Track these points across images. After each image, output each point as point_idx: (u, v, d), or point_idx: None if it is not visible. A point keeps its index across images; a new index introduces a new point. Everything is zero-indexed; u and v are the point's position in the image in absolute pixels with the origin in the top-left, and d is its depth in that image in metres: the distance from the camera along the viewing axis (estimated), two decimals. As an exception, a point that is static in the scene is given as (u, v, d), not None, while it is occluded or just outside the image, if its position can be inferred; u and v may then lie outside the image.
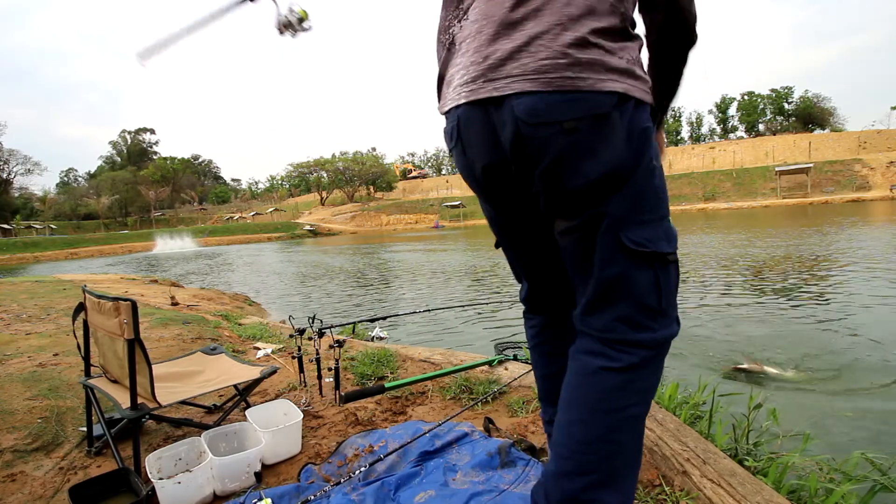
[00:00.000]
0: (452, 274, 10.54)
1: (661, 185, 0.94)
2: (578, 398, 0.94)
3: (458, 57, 0.97)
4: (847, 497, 1.38)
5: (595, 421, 0.91)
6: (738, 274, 7.86)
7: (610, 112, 0.84)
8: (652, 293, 0.91)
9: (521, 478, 1.42)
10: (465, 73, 0.93)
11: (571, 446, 0.92)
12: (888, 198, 33.32)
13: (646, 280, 0.90)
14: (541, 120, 0.84)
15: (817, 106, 67.19)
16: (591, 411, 0.91)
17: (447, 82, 1.01)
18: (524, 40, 0.85)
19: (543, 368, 1.27)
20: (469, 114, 0.93)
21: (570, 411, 0.95)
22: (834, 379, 3.35)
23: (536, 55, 0.84)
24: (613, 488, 0.91)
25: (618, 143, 0.86)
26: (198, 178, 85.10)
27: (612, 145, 0.86)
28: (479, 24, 0.91)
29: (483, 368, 2.37)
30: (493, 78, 0.88)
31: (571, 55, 0.83)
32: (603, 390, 0.91)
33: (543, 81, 0.83)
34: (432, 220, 49.19)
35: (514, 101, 0.85)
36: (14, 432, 1.86)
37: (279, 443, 1.65)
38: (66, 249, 35.57)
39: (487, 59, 0.89)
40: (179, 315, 4.47)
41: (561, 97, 0.83)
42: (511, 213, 1.09)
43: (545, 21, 0.84)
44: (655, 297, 0.91)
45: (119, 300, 1.49)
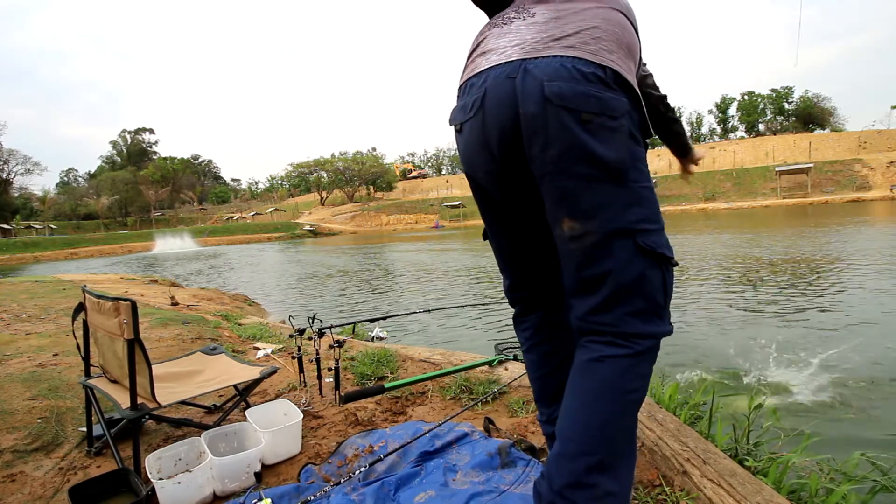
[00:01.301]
0: (452, 274, 10.54)
1: (655, 198, 1.05)
2: (587, 383, 1.00)
3: (509, 35, 1.05)
4: (847, 497, 1.38)
5: (602, 403, 0.98)
6: (738, 275, 7.86)
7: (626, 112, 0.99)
8: (660, 291, 1.01)
9: (521, 478, 1.42)
10: (518, 41, 1.02)
11: (577, 428, 0.98)
12: (888, 198, 33.32)
13: (657, 279, 1.00)
14: (564, 104, 0.94)
15: (817, 106, 67.15)
16: (598, 394, 0.98)
17: (483, 54, 1.08)
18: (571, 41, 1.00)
19: (540, 369, 1.28)
20: (501, 79, 1.00)
21: (577, 397, 1.01)
22: (834, 379, 3.35)
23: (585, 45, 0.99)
24: (613, 474, 0.96)
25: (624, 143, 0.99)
26: (198, 178, 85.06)
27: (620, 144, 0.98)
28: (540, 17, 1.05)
29: (483, 368, 2.37)
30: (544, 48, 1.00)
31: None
32: (611, 374, 0.99)
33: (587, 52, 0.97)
34: (432, 220, 49.18)
35: (546, 81, 0.95)
36: (14, 432, 1.86)
37: (279, 443, 1.65)
38: (66, 249, 35.56)
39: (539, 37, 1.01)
40: (179, 315, 4.47)
41: (586, 87, 0.94)
42: (513, 198, 1.14)
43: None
44: (662, 295, 1.02)
45: (119, 300, 1.49)
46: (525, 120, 0.98)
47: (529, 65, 0.97)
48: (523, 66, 0.97)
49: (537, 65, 0.96)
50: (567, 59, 0.95)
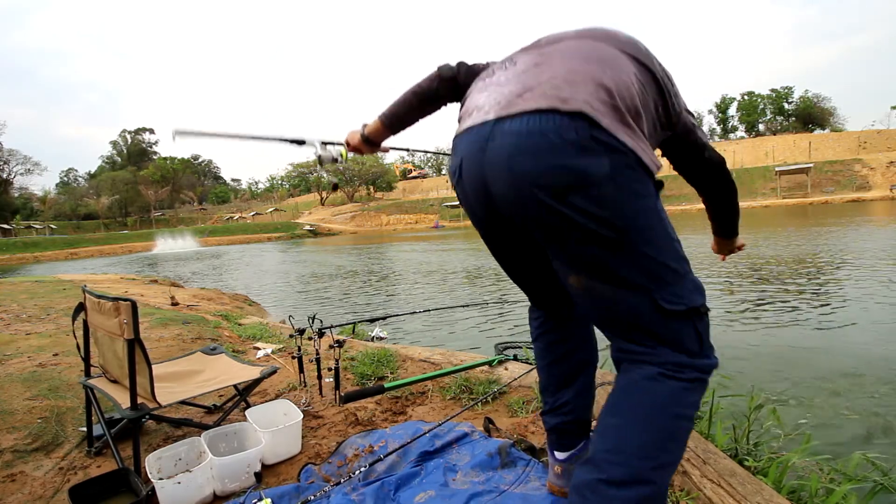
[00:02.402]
0: (452, 274, 10.54)
1: (674, 239, 0.96)
2: (636, 401, 0.92)
3: (489, 88, 1.02)
4: (847, 497, 1.37)
5: (654, 423, 0.89)
6: (738, 275, 7.86)
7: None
8: (694, 342, 0.94)
9: (521, 478, 1.42)
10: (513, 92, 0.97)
11: (624, 450, 0.88)
12: (888, 198, 33.31)
13: (688, 334, 0.93)
14: (535, 182, 0.91)
15: (817, 106, 67.17)
16: (649, 414, 0.90)
17: (467, 111, 1.05)
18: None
19: (547, 357, 1.28)
20: (473, 150, 0.98)
21: (622, 415, 0.92)
22: (835, 379, 3.35)
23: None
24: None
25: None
26: (198, 178, 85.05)
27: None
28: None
29: (483, 368, 2.37)
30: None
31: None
32: (664, 393, 0.91)
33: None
34: (432, 220, 49.17)
35: (509, 156, 0.91)
36: (14, 432, 1.86)
37: (279, 443, 1.65)
38: (66, 249, 35.56)
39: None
40: (179, 315, 4.47)
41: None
42: (512, 245, 1.15)
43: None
44: (697, 345, 0.94)
45: (119, 300, 1.49)
46: (500, 200, 0.95)
47: (497, 131, 0.92)
48: (491, 134, 0.93)
49: (503, 132, 0.91)
50: (533, 116, 0.88)
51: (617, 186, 0.87)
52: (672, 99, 1.06)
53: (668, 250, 0.93)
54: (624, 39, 1.02)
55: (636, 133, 0.90)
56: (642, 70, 0.99)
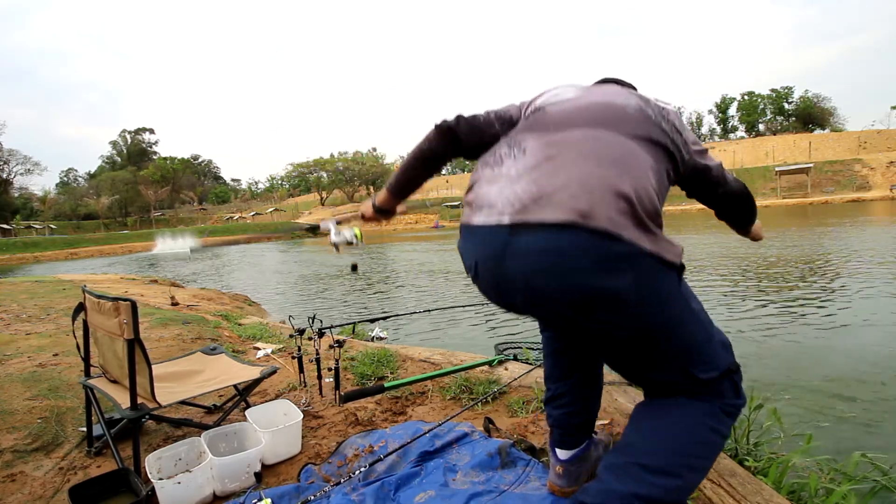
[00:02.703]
0: (453, 274, 10.53)
1: (700, 315, 0.99)
2: (676, 410, 0.99)
3: (499, 182, 0.98)
4: (847, 497, 1.37)
5: (692, 428, 0.96)
6: (739, 275, 7.86)
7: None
8: (731, 393, 1.00)
9: (521, 478, 1.42)
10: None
11: (661, 444, 0.96)
12: (888, 198, 33.31)
13: (724, 388, 0.99)
14: (556, 298, 0.93)
15: (817, 106, 67.18)
16: (688, 420, 0.97)
17: (476, 203, 1.01)
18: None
19: (554, 344, 1.29)
20: (490, 261, 0.97)
21: (661, 418, 0.99)
22: (836, 379, 3.35)
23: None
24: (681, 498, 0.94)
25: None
26: (198, 178, 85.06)
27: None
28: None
29: (483, 368, 2.37)
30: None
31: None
32: (703, 408, 0.98)
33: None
34: (432, 219, 49.12)
35: (530, 274, 0.92)
36: (14, 432, 1.86)
37: (279, 443, 1.65)
38: (66, 249, 35.53)
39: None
40: (179, 315, 4.47)
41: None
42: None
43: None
44: (733, 394, 1.01)
45: (119, 300, 1.49)
46: (523, 308, 0.99)
47: (514, 245, 0.90)
48: (507, 247, 0.91)
49: (521, 249, 0.90)
50: (552, 232, 0.87)
51: (642, 297, 0.89)
52: (682, 154, 1.07)
53: (697, 330, 0.98)
54: (634, 116, 1.01)
55: (657, 235, 0.90)
56: (656, 151, 1.00)
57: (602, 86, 1.16)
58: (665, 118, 1.05)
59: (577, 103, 1.05)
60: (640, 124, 1.00)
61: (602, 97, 1.06)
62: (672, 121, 1.06)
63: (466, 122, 1.15)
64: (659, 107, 1.08)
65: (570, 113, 1.03)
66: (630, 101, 1.04)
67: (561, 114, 1.03)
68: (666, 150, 1.02)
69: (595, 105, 1.03)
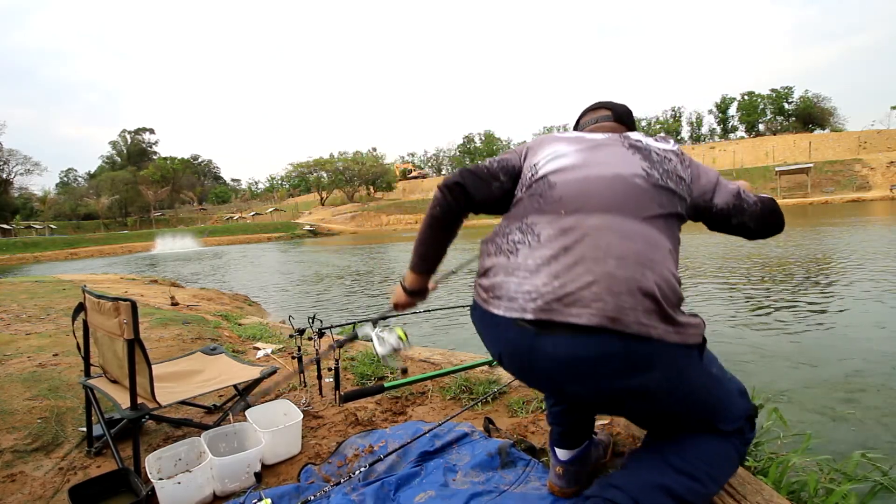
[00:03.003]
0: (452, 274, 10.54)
1: (722, 380, 1.06)
2: (698, 436, 1.07)
3: (518, 273, 0.99)
4: (847, 497, 1.37)
5: (715, 443, 1.05)
6: (740, 274, 7.86)
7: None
8: (749, 431, 1.09)
9: (521, 478, 1.42)
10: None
11: (688, 451, 1.03)
12: (888, 198, 33.31)
13: (746, 429, 1.08)
14: (590, 396, 1.02)
15: (817, 106, 67.15)
16: (712, 437, 1.05)
17: (495, 293, 1.01)
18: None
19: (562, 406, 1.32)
20: (518, 352, 1.00)
21: (686, 437, 1.07)
22: (836, 378, 3.35)
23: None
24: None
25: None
26: (198, 178, 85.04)
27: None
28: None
29: (483, 368, 2.37)
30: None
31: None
32: (723, 442, 1.06)
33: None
34: (432, 220, 49.04)
35: (564, 378, 0.98)
36: (14, 432, 1.86)
37: (279, 443, 1.65)
38: (66, 249, 35.54)
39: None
40: (179, 315, 4.47)
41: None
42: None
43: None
44: (751, 430, 1.10)
45: (119, 300, 1.49)
46: (550, 393, 1.13)
47: (540, 348, 0.93)
48: (533, 348, 0.94)
49: (548, 353, 0.93)
50: (579, 338, 0.89)
51: (669, 385, 0.94)
52: (686, 202, 1.07)
53: (719, 393, 1.04)
54: (643, 189, 1.00)
55: (682, 322, 0.93)
56: (669, 224, 1.01)
57: (602, 143, 1.10)
58: (668, 171, 1.04)
59: (583, 175, 1.02)
60: (651, 199, 1.00)
61: (608, 168, 1.03)
62: (675, 170, 1.06)
63: (471, 174, 1.13)
64: (661, 157, 1.06)
65: (580, 192, 1.01)
66: (635, 169, 1.02)
67: (570, 192, 1.01)
68: (677, 214, 1.04)
69: (603, 182, 1.01)
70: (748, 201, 1.13)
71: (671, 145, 1.12)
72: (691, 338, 0.94)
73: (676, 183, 1.04)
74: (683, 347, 0.93)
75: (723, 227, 1.17)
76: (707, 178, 1.12)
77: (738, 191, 1.13)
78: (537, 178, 1.07)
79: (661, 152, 1.08)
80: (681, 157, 1.10)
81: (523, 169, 1.14)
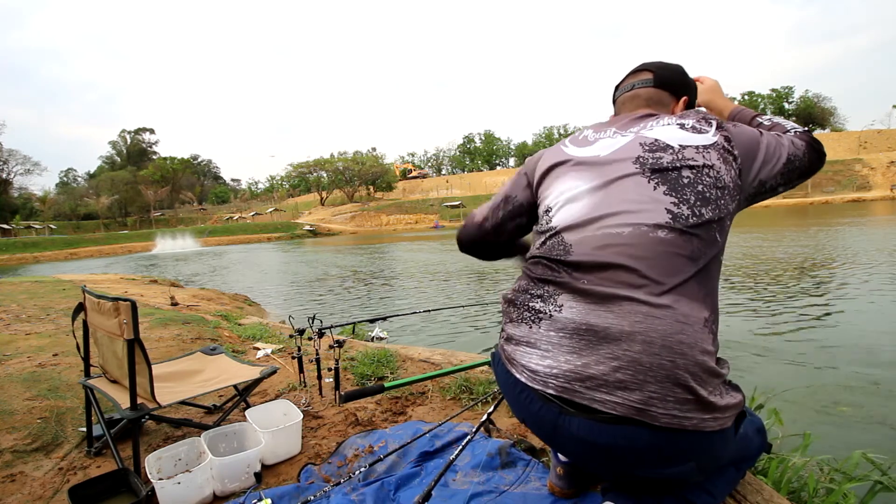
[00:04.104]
0: (452, 274, 10.53)
1: (743, 434, 1.00)
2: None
3: (541, 345, 0.94)
4: (847, 497, 1.37)
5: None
6: (741, 274, 7.85)
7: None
8: (760, 455, 1.16)
9: (521, 478, 1.42)
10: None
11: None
12: (888, 197, 33.31)
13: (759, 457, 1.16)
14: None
15: (817, 106, 67.19)
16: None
17: (513, 360, 0.99)
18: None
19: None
20: (543, 421, 0.96)
21: None
22: (836, 378, 3.35)
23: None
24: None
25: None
26: (197, 178, 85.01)
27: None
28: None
29: (483, 368, 2.37)
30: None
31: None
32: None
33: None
34: (432, 220, 49.17)
35: (589, 454, 0.94)
36: (14, 432, 1.86)
37: (279, 443, 1.65)
38: (66, 249, 35.57)
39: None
40: (179, 315, 4.47)
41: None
42: None
43: None
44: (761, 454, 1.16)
45: (119, 300, 1.49)
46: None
47: (566, 428, 0.89)
48: (558, 426, 0.90)
49: (574, 435, 0.88)
50: (605, 426, 0.84)
51: (703, 468, 0.91)
52: (746, 192, 0.98)
53: (744, 449, 1.05)
54: (669, 243, 0.86)
55: (720, 406, 0.84)
56: (707, 276, 0.88)
57: (617, 169, 0.95)
58: (704, 192, 0.89)
59: (601, 234, 0.90)
60: (678, 255, 0.85)
61: (627, 218, 0.89)
62: (716, 181, 0.90)
63: (472, 244, 1.23)
64: (696, 174, 0.90)
65: (597, 260, 0.89)
66: (659, 215, 0.87)
67: (587, 260, 0.90)
68: (716, 243, 0.90)
69: (621, 243, 0.88)
70: (798, 156, 1.01)
71: (711, 135, 0.95)
72: (730, 420, 0.87)
73: (716, 200, 0.90)
74: (720, 433, 0.85)
75: (776, 193, 1.05)
76: (753, 155, 0.97)
77: (788, 153, 1.00)
78: (552, 234, 0.98)
79: (697, 161, 0.92)
80: (723, 151, 0.93)
81: (537, 201, 1.08)
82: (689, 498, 1.01)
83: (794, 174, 1.02)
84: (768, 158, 0.98)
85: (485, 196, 53.25)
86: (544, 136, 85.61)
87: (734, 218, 0.96)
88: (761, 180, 0.98)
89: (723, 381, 0.87)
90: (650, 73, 1.11)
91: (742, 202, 0.98)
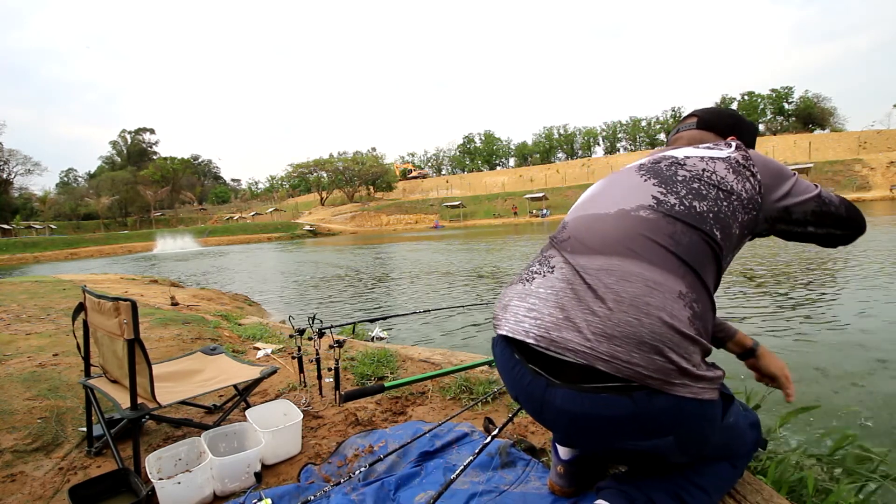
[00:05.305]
0: (452, 274, 10.53)
1: (732, 423, 1.05)
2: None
3: (529, 300, 1.01)
4: (847, 496, 1.37)
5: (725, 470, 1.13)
6: (742, 274, 7.85)
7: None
8: (756, 451, 1.18)
9: (521, 478, 1.42)
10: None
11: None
12: (888, 198, 33.32)
13: (754, 453, 1.16)
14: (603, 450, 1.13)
15: (817, 106, 67.19)
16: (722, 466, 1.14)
17: (517, 317, 1.02)
18: None
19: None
20: (531, 392, 1.02)
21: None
22: (836, 377, 3.35)
23: None
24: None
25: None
26: (198, 178, 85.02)
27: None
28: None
29: (483, 368, 2.37)
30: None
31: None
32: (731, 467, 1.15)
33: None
34: (432, 220, 49.14)
35: (574, 433, 1.00)
36: (14, 432, 1.86)
37: (279, 443, 1.65)
38: (66, 249, 35.56)
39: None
40: (179, 315, 4.47)
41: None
42: None
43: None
44: (756, 450, 1.19)
45: (119, 300, 1.49)
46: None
47: (550, 395, 0.94)
48: (545, 399, 0.95)
49: (559, 407, 0.93)
50: (587, 395, 0.89)
51: (683, 445, 0.93)
52: (764, 214, 0.99)
53: (733, 440, 1.07)
54: (654, 225, 0.94)
55: (694, 375, 0.86)
56: (695, 255, 0.92)
57: (622, 172, 1.11)
58: (699, 189, 0.96)
59: (591, 214, 1.05)
60: (658, 233, 0.93)
61: (613, 204, 1.02)
62: (718, 183, 0.96)
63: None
64: (693, 173, 0.98)
65: (585, 231, 1.02)
66: (642, 199, 0.97)
67: (577, 233, 1.03)
68: (709, 240, 0.93)
69: (606, 221, 1.00)
70: (833, 203, 1.02)
71: (725, 151, 1.00)
72: (706, 393, 0.88)
73: (715, 199, 0.94)
74: (697, 403, 0.87)
75: (802, 237, 1.04)
76: (778, 182, 0.99)
77: (818, 194, 1.01)
78: (562, 224, 1.13)
79: (698, 166, 0.99)
80: (736, 164, 0.98)
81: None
82: (684, 497, 1.02)
83: (827, 218, 1.02)
84: (796, 190, 1.00)
85: (485, 196, 53.23)
86: (544, 137, 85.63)
87: (754, 237, 1.04)
88: (786, 207, 0.99)
89: (699, 352, 0.89)
90: (695, 118, 1.21)
91: (761, 221, 1.00)
